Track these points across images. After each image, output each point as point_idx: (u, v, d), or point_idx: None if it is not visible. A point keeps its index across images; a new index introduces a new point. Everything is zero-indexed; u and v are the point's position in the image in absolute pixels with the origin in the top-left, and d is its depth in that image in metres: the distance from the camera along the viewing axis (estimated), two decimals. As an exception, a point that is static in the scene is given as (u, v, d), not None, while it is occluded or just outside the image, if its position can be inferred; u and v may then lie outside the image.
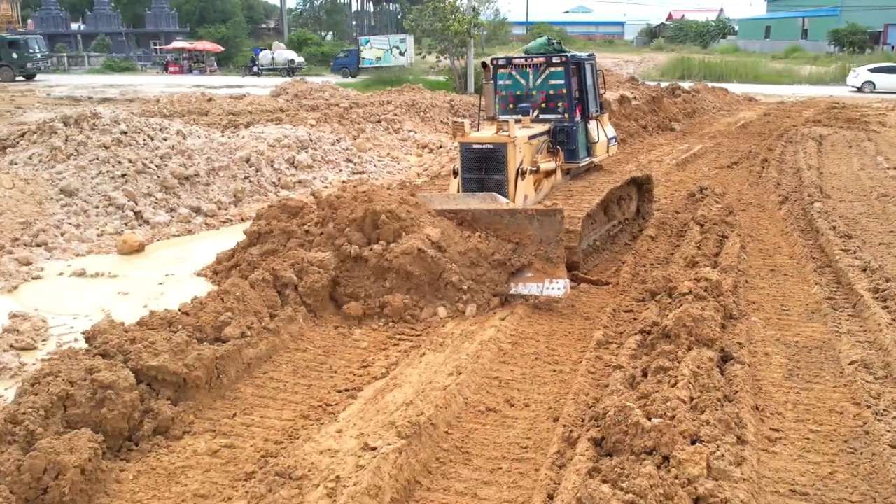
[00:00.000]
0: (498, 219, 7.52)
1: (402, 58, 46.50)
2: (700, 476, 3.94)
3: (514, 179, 8.44)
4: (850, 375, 5.67)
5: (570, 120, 9.44)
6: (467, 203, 7.89)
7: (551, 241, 7.31)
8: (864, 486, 4.31)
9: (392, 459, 4.42)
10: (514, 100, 9.70)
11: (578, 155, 9.56)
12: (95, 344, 5.56)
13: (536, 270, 7.30)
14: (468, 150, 8.61)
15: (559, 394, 5.57)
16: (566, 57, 9.43)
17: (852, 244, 8.74)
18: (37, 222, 9.82)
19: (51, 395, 4.78)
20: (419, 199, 7.96)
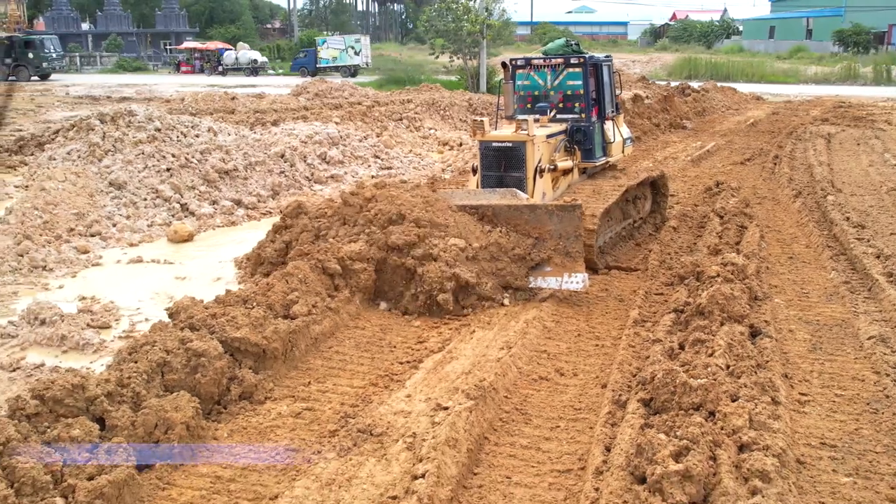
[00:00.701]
0: (518, 214, 7.72)
1: (358, 57, 48.11)
2: (743, 427, 4.46)
3: (533, 177, 8.64)
4: (869, 349, 6.18)
5: (586, 120, 9.62)
6: (488, 199, 8.09)
7: (570, 236, 7.50)
8: (887, 439, 4.83)
9: (464, 417, 4.94)
10: (532, 100, 9.92)
11: (595, 154, 9.75)
12: (179, 319, 6.08)
13: (555, 265, 7.48)
14: (487, 149, 8.85)
15: (604, 365, 6.09)
16: (584, 58, 9.65)
17: (865, 233, 9.26)
18: (90, 213, 10.35)
19: (150, 361, 5.30)
20: (441, 195, 8.20)
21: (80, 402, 4.73)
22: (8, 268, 8.65)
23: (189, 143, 13.06)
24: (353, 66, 47.20)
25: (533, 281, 7.50)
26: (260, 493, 4.40)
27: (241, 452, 4.89)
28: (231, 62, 49.36)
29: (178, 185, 11.14)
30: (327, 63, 47.76)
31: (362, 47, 48.49)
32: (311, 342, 6.38)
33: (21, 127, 21.72)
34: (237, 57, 49.39)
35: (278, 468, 4.67)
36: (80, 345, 6.68)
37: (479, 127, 8.83)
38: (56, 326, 6.91)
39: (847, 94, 30.99)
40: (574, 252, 7.47)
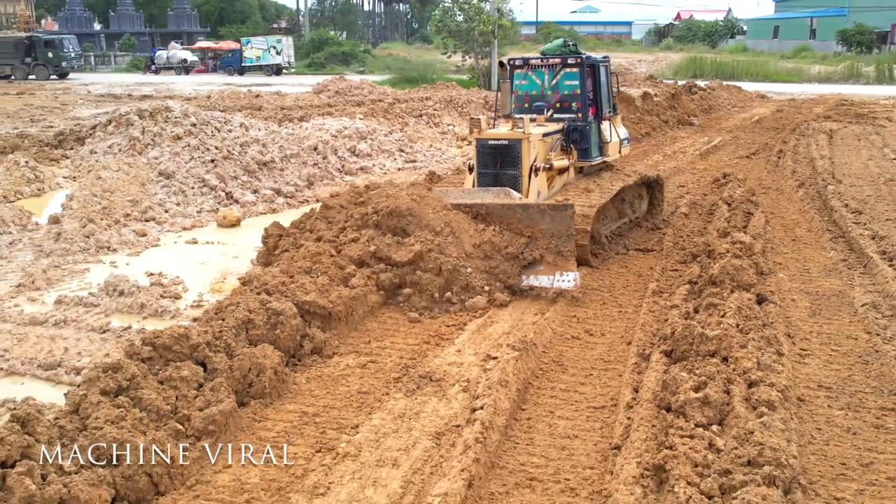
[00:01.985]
0: (511, 213, 7.78)
1: (279, 56, 50.43)
2: (752, 368, 5.25)
3: (528, 175, 8.73)
4: (862, 314, 6.98)
5: (583, 120, 9.70)
6: (482, 198, 8.15)
7: (562, 235, 7.58)
8: (875, 383, 5.62)
9: (512, 364, 5.75)
10: (530, 99, 10.01)
11: (591, 154, 9.85)
12: (253, 286, 6.90)
13: (548, 263, 7.57)
14: (484, 146, 8.94)
15: (627, 327, 6.90)
16: (581, 58, 9.75)
17: (862, 218, 10.04)
18: (143, 200, 11.18)
19: (236, 319, 6.11)
20: (436, 193, 8.30)
21: (185, 348, 5.54)
22: (77, 248, 9.47)
23: (223, 138, 13.88)
24: (276, 65, 50.01)
25: (525, 279, 7.60)
26: (342, 424, 5.21)
27: (320, 394, 5.71)
28: (163, 62, 51.78)
29: (222, 174, 11.97)
30: (252, 62, 50.30)
31: (283, 47, 51.08)
32: (367, 309, 7.17)
33: (52, 124, 22.61)
34: (168, 56, 51.98)
35: (355, 405, 5.48)
36: (159, 312, 7.48)
37: (476, 125, 8.96)
38: (134, 296, 7.73)
39: (849, 93, 31.70)
40: (566, 251, 7.57)
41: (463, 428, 4.97)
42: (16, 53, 43.72)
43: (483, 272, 7.51)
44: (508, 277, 7.55)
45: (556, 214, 7.58)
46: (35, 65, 43.52)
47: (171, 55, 51.82)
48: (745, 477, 4.02)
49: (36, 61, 43.36)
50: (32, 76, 43.73)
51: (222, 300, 6.58)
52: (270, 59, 50.03)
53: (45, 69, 43.23)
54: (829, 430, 5.00)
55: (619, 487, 4.23)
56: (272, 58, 50.07)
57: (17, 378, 6.23)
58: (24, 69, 43.56)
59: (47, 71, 43.29)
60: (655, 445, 4.55)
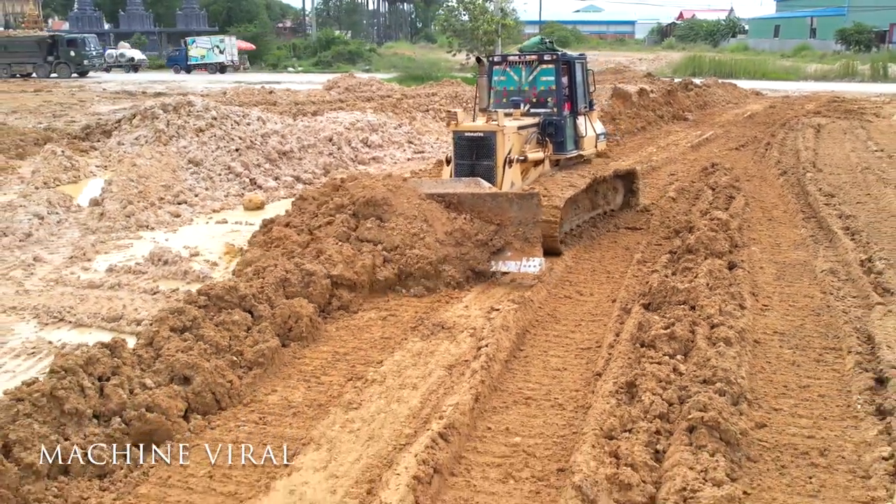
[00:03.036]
0: (481, 202, 8.15)
1: (223, 55, 53.13)
2: (715, 314, 6.22)
3: (503, 166, 9.02)
4: (821, 278, 7.93)
5: (558, 114, 10.01)
6: (454, 187, 8.52)
7: (529, 222, 7.92)
8: (822, 330, 6.58)
9: (512, 313, 6.73)
10: (508, 94, 10.29)
11: (566, 147, 10.18)
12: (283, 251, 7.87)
13: (515, 250, 7.93)
14: (461, 138, 9.22)
15: (614, 288, 7.88)
16: (556, 55, 10.10)
17: (834, 201, 11.00)
18: (175, 185, 12.17)
19: (275, 277, 7.09)
20: (411, 184, 8.72)
21: (234, 298, 6.52)
22: (120, 226, 10.47)
23: (242, 131, 14.87)
24: (219, 63, 52.70)
25: (494, 265, 8.01)
26: (369, 360, 6.18)
27: (348, 339, 6.68)
28: (112, 60, 53.80)
29: (246, 162, 12.96)
30: (197, 61, 52.82)
31: (227, 46, 53.78)
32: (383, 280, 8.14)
33: (74, 119, 23.65)
34: (116, 55, 54.41)
35: (379, 347, 6.45)
36: (201, 277, 8.46)
37: (452, 118, 9.28)
38: (178, 265, 8.72)
39: (843, 91, 32.57)
40: (532, 238, 7.93)
41: (470, 362, 5.94)
42: (38, 52, 44.73)
43: (455, 258, 7.90)
44: (478, 263, 7.98)
45: (523, 203, 7.94)
46: (57, 63, 44.51)
47: (120, 54, 54.76)
48: (700, 389, 4.99)
49: (58, 60, 44.34)
50: (54, 74, 44.68)
51: (260, 264, 7.54)
52: (214, 57, 52.87)
53: (67, 67, 44.22)
54: (777, 363, 5.97)
55: (597, 400, 5.21)
56: (216, 56, 52.91)
57: (83, 329, 7.22)
58: (45, 67, 44.56)
59: (69, 69, 44.27)
60: (630, 370, 5.52)
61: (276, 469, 4.63)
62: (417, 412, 5.24)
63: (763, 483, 4.38)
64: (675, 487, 4.04)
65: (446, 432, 4.77)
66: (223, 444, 4.97)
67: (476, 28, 29.24)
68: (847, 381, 5.57)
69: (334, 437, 4.96)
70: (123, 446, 4.81)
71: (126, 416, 4.92)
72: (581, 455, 4.45)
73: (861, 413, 5.07)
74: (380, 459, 4.65)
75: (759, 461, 4.60)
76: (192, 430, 5.12)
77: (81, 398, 4.84)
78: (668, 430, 4.73)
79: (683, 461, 4.26)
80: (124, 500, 4.40)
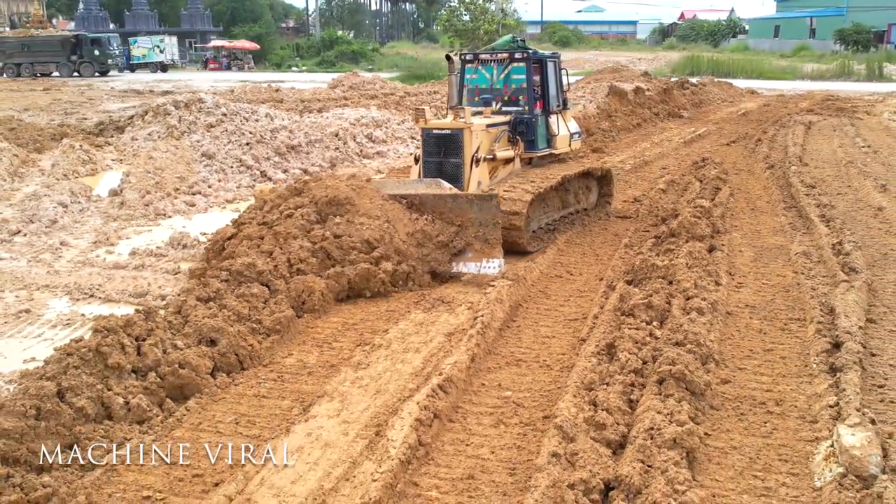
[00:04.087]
0: (442, 203, 8.17)
1: (163, 54, 55.16)
2: (690, 287, 6.83)
3: (470, 164, 9.03)
4: (794, 260, 8.54)
5: (529, 113, 9.98)
6: (415, 188, 8.54)
7: (488, 223, 7.96)
8: (790, 304, 7.18)
9: (506, 289, 7.35)
10: (480, 93, 10.28)
11: (537, 145, 10.12)
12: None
13: (475, 251, 7.99)
14: (429, 136, 9.25)
15: (601, 270, 8.49)
16: (527, 53, 10.10)
17: (814, 191, 11.61)
18: (189, 177, 12.80)
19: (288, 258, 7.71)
20: (374, 184, 8.73)
21: (253, 274, 7.14)
22: (139, 214, 11.11)
23: (252, 127, 15.50)
24: (160, 62, 54.55)
25: (455, 266, 8.04)
26: (376, 329, 6.80)
27: (356, 312, 7.30)
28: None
29: (256, 155, 13.59)
30: (139, 60, 54.52)
31: (167, 46, 55.79)
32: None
33: (85, 116, 24.28)
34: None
35: (384, 318, 7.07)
36: (218, 260, 9.06)
37: (421, 115, 9.24)
38: (196, 248, 9.34)
39: (838, 90, 33.14)
40: (492, 239, 7.97)
41: (468, 329, 6.55)
42: (62, 51, 45.30)
43: (417, 259, 7.89)
44: (439, 264, 8.00)
45: (483, 204, 7.95)
46: (81, 62, 45.09)
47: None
48: (671, 350, 5.60)
49: (82, 59, 44.92)
50: (77, 73, 45.24)
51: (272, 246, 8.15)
52: (155, 56, 54.65)
53: (91, 66, 44.77)
54: (746, 331, 6.58)
55: (580, 360, 5.83)
56: (156, 56, 54.68)
57: (112, 304, 7.83)
58: (69, 67, 45.15)
59: (93, 68, 44.83)
60: (610, 335, 6.14)
61: (295, 416, 5.25)
62: (419, 371, 5.86)
63: (723, 426, 5.00)
64: (643, 427, 4.65)
65: (445, 384, 5.39)
66: (246, 397, 5.60)
67: (477, 28, 29.85)
68: (807, 346, 6.18)
69: (345, 392, 5.58)
70: (159, 397, 5.44)
71: (161, 372, 5.54)
72: (563, 403, 5.07)
73: (816, 371, 5.67)
74: (386, 408, 5.26)
75: (721, 409, 5.21)
76: (218, 386, 5.73)
77: (122, 354, 5.46)
78: (641, 383, 5.35)
79: (652, 407, 4.87)
80: (162, 441, 5.01)
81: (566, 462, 4.39)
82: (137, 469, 4.70)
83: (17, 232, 10.22)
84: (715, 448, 4.73)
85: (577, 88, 24.35)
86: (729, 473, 4.46)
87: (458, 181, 9.03)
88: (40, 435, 4.66)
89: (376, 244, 7.76)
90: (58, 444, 4.71)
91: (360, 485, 4.37)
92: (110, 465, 4.69)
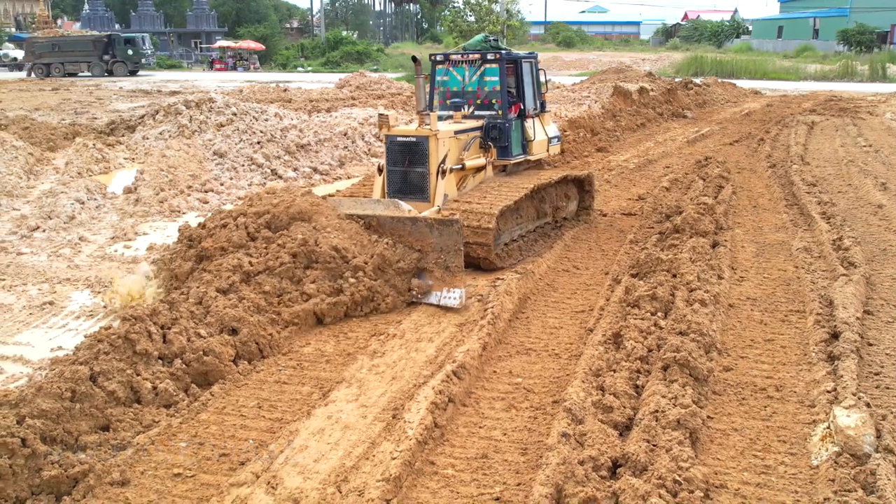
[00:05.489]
0: (400, 226, 7.55)
1: None
2: (693, 280, 7.06)
3: (437, 175, 8.46)
4: (795, 255, 8.76)
5: (503, 117, 9.40)
6: (373, 209, 7.88)
7: (450, 250, 7.32)
8: (790, 297, 7.41)
9: (515, 281, 7.59)
10: (451, 96, 9.77)
11: (511, 152, 9.58)
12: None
13: (436, 279, 7.33)
14: (393, 143, 8.66)
15: (607, 264, 8.72)
16: (500, 54, 9.50)
17: (815, 189, 11.82)
18: (202, 175, 13.06)
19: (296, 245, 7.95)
20: (330, 202, 8.08)
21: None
22: (154, 210, 11.37)
23: (260, 126, 15.74)
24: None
25: (415, 296, 7.37)
26: (390, 320, 7.03)
27: (369, 304, 7.53)
28: None
29: (267, 154, 13.84)
30: None
31: None
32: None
33: (95, 115, 24.56)
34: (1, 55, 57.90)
35: (398, 310, 7.30)
36: (233, 254, 9.30)
37: (384, 121, 8.55)
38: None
39: (841, 90, 33.31)
40: (453, 266, 7.33)
41: (478, 320, 6.79)
42: (93, 51, 45.66)
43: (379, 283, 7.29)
44: (399, 293, 7.33)
45: (444, 229, 7.33)
46: (114, 62, 45.43)
47: (3, 54, 58.47)
48: (675, 338, 5.83)
49: (115, 59, 45.26)
50: (108, 72, 45.54)
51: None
52: None
53: (124, 66, 45.10)
54: (747, 322, 6.81)
55: (588, 349, 6.06)
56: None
57: (133, 297, 8.08)
58: (101, 66, 45.49)
59: (126, 67, 45.15)
60: (616, 324, 6.37)
61: (315, 401, 5.49)
62: (433, 359, 6.10)
63: (725, 410, 5.23)
64: (649, 410, 4.89)
65: (459, 371, 5.63)
66: (268, 383, 5.84)
67: (482, 29, 30.10)
68: (806, 336, 6.41)
69: (362, 378, 5.82)
70: (184, 383, 5.68)
71: (186, 359, 5.79)
72: (572, 388, 5.30)
73: (814, 359, 5.90)
74: (402, 393, 5.51)
75: (723, 395, 5.45)
76: (240, 373, 5.98)
77: (149, 341, 5.71)
78: (646, 370, 5.58)
79: (657, 391, 5.10)
80: (189, 423, 5.26)
81: (575, 442, 4.62)
82: (166, 449, 4.94)
83: (36, 228, 10.48)
84: (717, 430, 4.96)
85: (582, 88, 24.59)
86: (730, 453, 4.69)
87: (423, 193, 8.55)
88: (75, 416, 4.90)
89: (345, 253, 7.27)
90: (91, 425, 4.96)
91: (379, 463, 4.60)
92: (141, 445, 4.93)
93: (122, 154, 16.18)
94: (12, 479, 4.34)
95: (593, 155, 16.28)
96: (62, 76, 44.72)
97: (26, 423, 4.59)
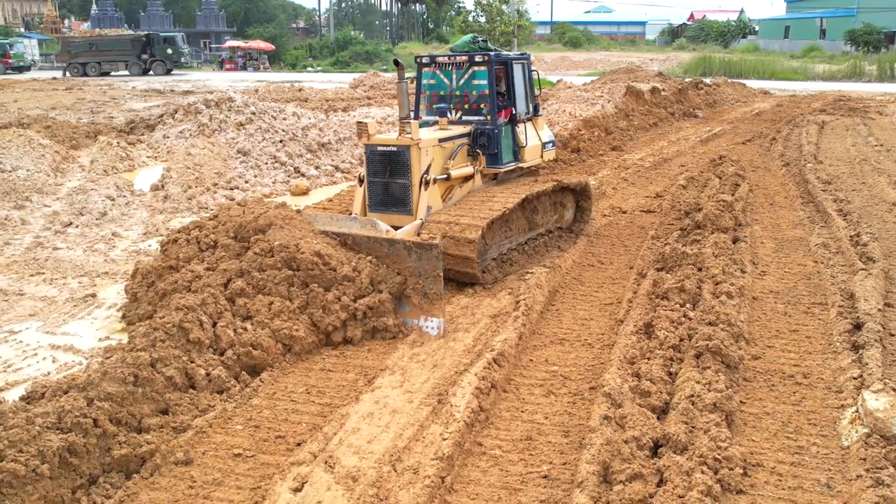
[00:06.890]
0: (378, 247, 7.10)
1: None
2: (719, 274, 7.29)
3: (419, 186, 8.01)
4: (814, 251, 8.98)
5: (492, 122, 8.86)
6: (349, 227, 7.44)
7: (429, 275, 6.81)
8: (812, 290, 7.64)
9: (545, 276, 7.84)
10: (438, 100, 9.23)
11: (501, 159, 9.02)
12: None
13: (413, 305, 6.86)
14: (373, 153, 8.17)
15: (631, 259, 8.96)
16: (489, 56, 8.92)
17: (830, 187, 12.04)
18: (227, 173, 13.32)
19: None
20: (305, 217, 7.76)
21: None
22: (183, 207, 11.63)
23: (283, 124, 16.01)
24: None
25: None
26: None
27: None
28: None
29: (290, 152, 14.10)
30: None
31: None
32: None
33: (112, 115, 24.86)
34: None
35: (431, 302, 7.56)
36: (265, 250, 9.55)
37: (363, 130, 8.06)
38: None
39: (850, 90, 33.47)
40: (432, 293, 6.81)
41: (511, 311, 7.03)
42: (131, 50, 46.07)
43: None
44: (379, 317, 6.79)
45: (423, 253, 6.82)
46: (153, 61, 45.80)
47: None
48: (705, 327, 6.06)
49: (153, 58, 45.63)
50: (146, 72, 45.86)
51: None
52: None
53: (163, 65, 45.47)
54: (772, 314, 7.04)
55: (620, 339, 6.30)
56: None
57: (172, 290, 8.32)
58: (139, 65, 45.86)
59: (165, 66, 45.49)
60: (647, 315, 6.61)
61: (361, 387, 5.74)
62: (471, 348, 6.34)
63: (756, 395, 5.47)
64: (685, 395, 5.12)
65: (499, 358, 5.88)
66: (314, 371, 6.09)
67: (493, 29, 30.35)
68: (830, 327, 6.63)
69: (405, 366, 6.07)
70: (234, 371, 5.94)
71: (237, 351, 6.03)
72: (609, 375, 5.54)
73: (839, 348, 6.13)
74: (445, 380, 5.75)
75: (753, 381, 5.68)
76: (286, 361, 6.23)
77: (201, 330, 5.97)
78: (679, 357, 5.82)
79: (692, 378, 5.34)
80: (242, 408, 5.51)
81: (616, 424, 4.86)
82: (224, 431, 5.19)
83: (69, 224, 10.75)
84: (750, 414, 5.20)
85: (595, 88, 24.80)
86: (764, 435, 4.93)
87: (406, 205, 8.12)
88: (138, 399, 5.16)
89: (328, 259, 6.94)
90: (153, 409, 5.22)
91: (430, 444, 4.85)
92: (199, 428, 5.18)
93: (144, 152, 16.48)
94: (86, 457, 4.59)
95: (608, 154, 16.50)
96: (98, 75, 45.11)
97: (95, 405, 4.84)
